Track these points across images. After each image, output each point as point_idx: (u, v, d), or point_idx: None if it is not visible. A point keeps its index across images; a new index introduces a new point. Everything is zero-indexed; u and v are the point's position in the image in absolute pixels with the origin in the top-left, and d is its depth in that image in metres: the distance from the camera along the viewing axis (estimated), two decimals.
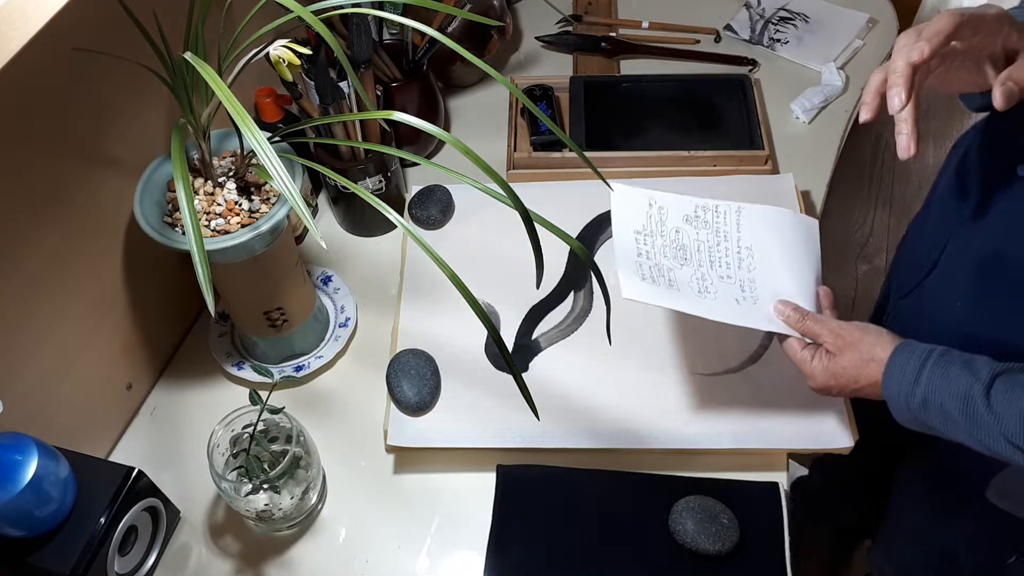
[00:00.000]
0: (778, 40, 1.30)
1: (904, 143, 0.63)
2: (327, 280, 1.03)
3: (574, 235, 1.03)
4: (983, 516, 0.87)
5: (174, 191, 0.81)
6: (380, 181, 1.03)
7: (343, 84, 0.95)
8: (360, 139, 1.01)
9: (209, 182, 0.80)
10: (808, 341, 0.76)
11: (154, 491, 0.81)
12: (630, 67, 1.29)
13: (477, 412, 0.89)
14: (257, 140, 0.57)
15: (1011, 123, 0.75)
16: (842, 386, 0.73)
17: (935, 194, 0.91)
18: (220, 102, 0.59)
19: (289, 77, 0.77)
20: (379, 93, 1.09)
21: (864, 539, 1.50)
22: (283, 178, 0.57)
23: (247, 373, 0.95)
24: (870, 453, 0.91)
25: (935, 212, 0.88)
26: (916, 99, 0.63)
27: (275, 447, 0.81)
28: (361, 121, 0.99)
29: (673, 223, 0.83)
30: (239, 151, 0.81)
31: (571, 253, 1.02)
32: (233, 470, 0.80)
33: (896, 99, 0.62)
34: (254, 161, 0.80)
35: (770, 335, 0.85)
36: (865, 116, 0.66)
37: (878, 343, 0.71)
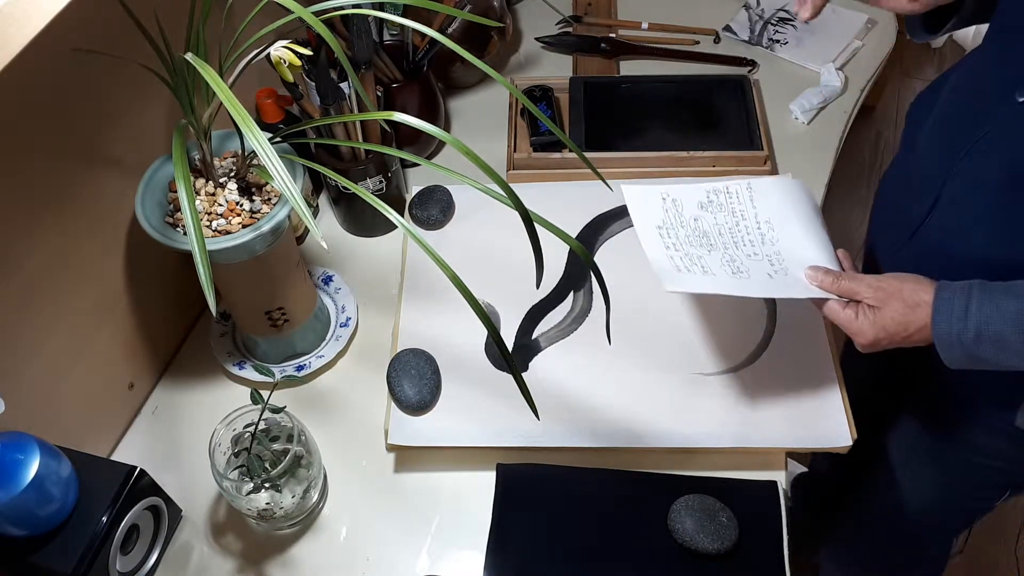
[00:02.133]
0: (777, 41, 1.31)
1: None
2: (328, 280, 1.03)
3: (574, 235, 1.03)
4: (992, 448, 0.90)
5: (175, 191, 0.81)
6: (381, 181, 1.04)
7: (344, 85, 0.95)
8: (361, 140, 1.01)
9: (210, 182, 0.80)
10: (847, 301, 0.76)
11: (156, 490, 0.81)
12: (630, 68, 1.29)
13: (477, 411, 0.89)
14: (258, 141, 0.57)
15: (1000, 54, 0.77)
16: (892, 335, 0.73)
17: (912, 151, 0.91)
18: (221, 103, 0.59)
19: (290, 78, 0.78)
20: (379, 94, 1.10)
21: None
22: (284, 178, 0.57)
23: (248, 372, 0.95)
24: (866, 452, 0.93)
25: (917, 166, 0.88)
26: None
27: (276, 446, 0.81)
28: (362, 122, 0.99)
29: (690, 212, 0.84)
30: (240, 151, 0.81)
31: (571, 253, 1.02)
32: (235, 469, 0.80)
33: None
34: (255, 162, 0.80)
35: (771, 330, 0.86)
36: (804, 15, 0.77)
37: (919, 288, 0.72)
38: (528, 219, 0.64)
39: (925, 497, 1.05)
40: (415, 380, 0.89)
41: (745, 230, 0.83)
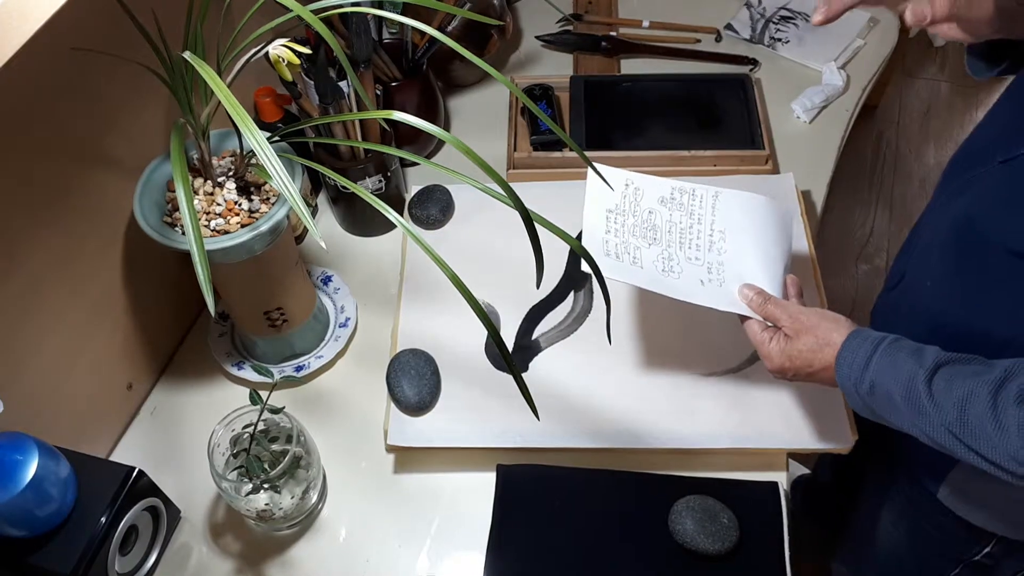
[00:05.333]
0: (779, 39, 1.30)
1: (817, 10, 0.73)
2: (327, 280, 1.03)
3: (574, 235, 1.02)
4: (935, 518, 0.88)
5: (174, 191, 0.81)
6: (380, 181, 1.03)
7: (343, 84, 0.95)
8: (360, 139, 1.01)
9: (209, 182, 0.80)
10: (769, 324, 0.77)
11: (155, 491, 0.81)
12: (630, 66, 1.29)
13: (477, 412, 0.89)
14: (256, 140, 0.57)
15: (1002, 114, 0.76)
16: (797, 368, 0.74)
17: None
18: (219, 102, 0.59)
19: (288, 76, 0.77)
20: (379, 93, 1.09)
21: None
22: (282, 178, 0.57)
23: (247, 373, 0.95)
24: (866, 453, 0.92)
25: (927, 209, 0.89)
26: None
27: (275, 447, 0.81)
28: (361, 121, 0.99)
29: (647, 204, 0.84)
30: (239, 151, 0.81)
31: (571, 253, 1.02)
32: (233, 470, 0.80)
33: None
34: (254, 161, 0.80)
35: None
36: (817, 18, 0.73)
37: (834, 329, 0.72)
38: (528, 219, 0.63)
39: (903, 543, 1.03)
40: (415, 380, 0.89)
41: (696, 233, 0.83)
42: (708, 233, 0.83)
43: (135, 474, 0.77)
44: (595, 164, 0.75)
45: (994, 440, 0.61)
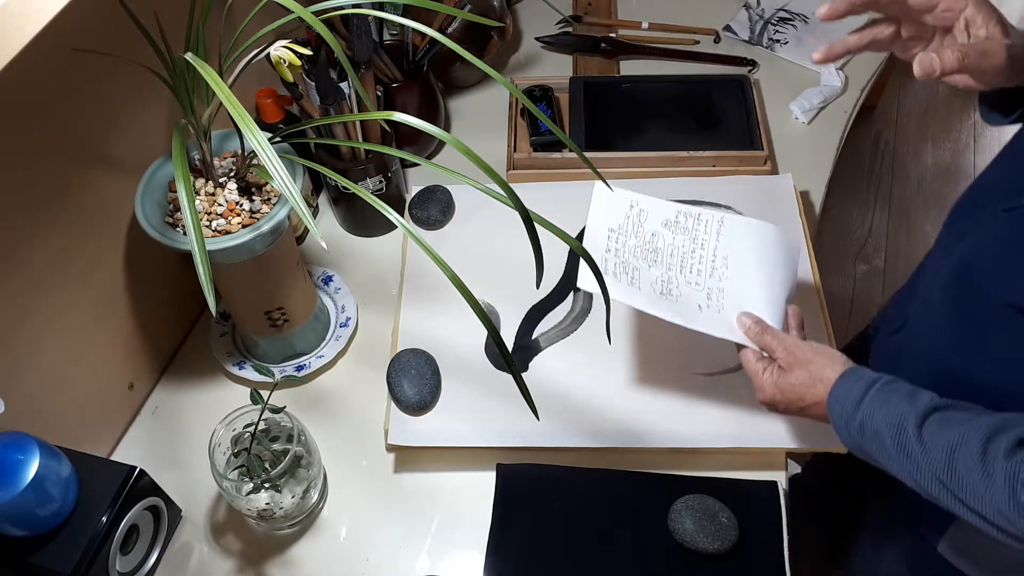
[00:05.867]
0: (777, 41, 1.31)
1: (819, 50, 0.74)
2: (328, 280, 1.03)
3: (574, 235, 1.03)
4: (936, 571, 0.86)
5: (175, 191, 0.81)
6: (380, 181, 1.04)
7: (343, 85, 0.95)
8: (361, 140, 1.01)
9: (210, 182, 0.80)
10: (764, 355, 0.76)
11: (156, 490, 0.81)
12: (630, 68, 1.29)
13: (477, 412, 0.89)
14: (258, 140, 0.57)
15: (1006, 161, 0.75)
16: (788, 401, 0.73)
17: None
18: (221, 103, 0.59)
19: (290, 78, 0.78)
20: (379, 94, 1.10)
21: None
22: (284, 178, 0.57)
23: (248, 373, 0.95)
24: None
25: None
26: (858, 40, 0.78)
27: (276, 446, 0.81)
28: (362, 122, 0.99)
29: (651, 226, 0.84)
30: (240, 151, 0.81)
31: (571, 253, 1.02)
32: (234, 469, 0.80)
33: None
34: (255, 161, 0.80)
35: None
36: (816, 56, 0.76)
37: (828, 365, 0.71)
38: (528, 219, 0.64)
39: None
40: (415, 380, 0.89)
41: (698, 258, 0.82)
42: (711, 259, 0.82)
43: (136, 473, 0.77)
44: (597, 167, 0.75)
45: (980, 491, 0.59)
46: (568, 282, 1.00)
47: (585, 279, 0.76)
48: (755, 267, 0.82)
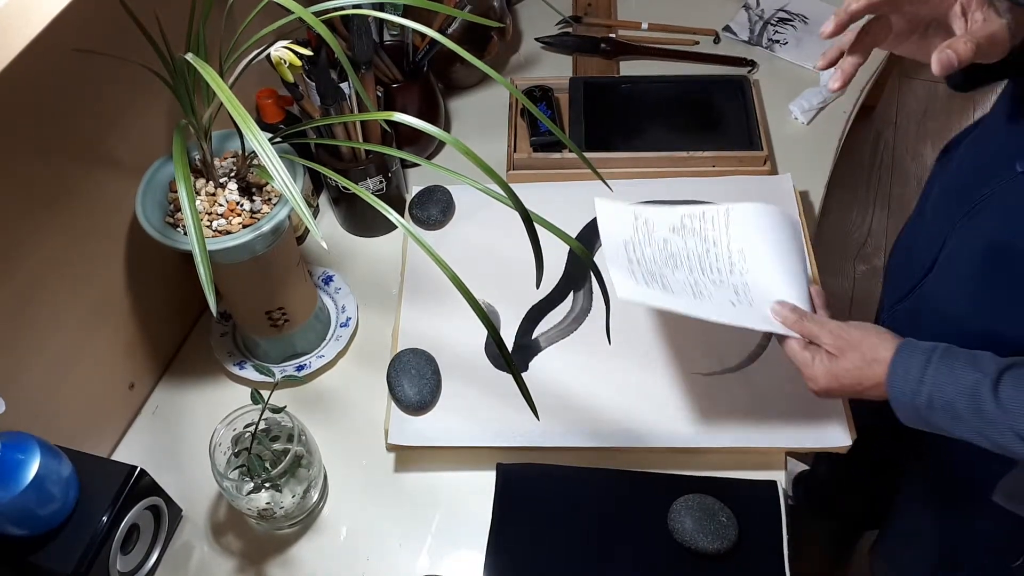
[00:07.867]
0: (777, 41, 1.31)
1: (833, 77, 0.73)
2: (328, 280, 1.04)
3: (574, 235, 1.03)
4: (989, 518, 0.87)
5: (176, 192, 0.81)
6: (381, 182, 1.04)
7: (344, 85, 0.95)
8: (361, 140, 1.01)
9: (211, 183, 0.80)
10: (809, 342, 0.74)
11: (156, 490, 0.81)
12: (629, 68, 1.29)
13: (477, 411, 0.89)
14: (258, 141, 0.57)
15: (1008, 121, 0.75)
16: (845, 388, 0.72)
17: (928, 199, 0.92)
18: (221, 103, 0.59)
19: (290, 78, 0.78)
20: (380, 94, 1.10)
21: (868, 530, 1.50)
22: (284, 179, 0.57)
23: (249, 372, 0.95)
24: (875, 445, 0.92)
25: (930, 215, 0.89)
26: (861, 49, 0.75)
27: (276, 446, 0.81)
28: (362, 122, 0.99)
29: (660, 234, 0.82)
30: (240, 152, 0.81)
31: (571, 253, 1.03)
32: (235, 469, 0.81)
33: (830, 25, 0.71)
34: (255, 162, 0.80)
35: (768, 335, 0.86)
36: (834, 85, 0.73)
37: (880, 344, 0.70)
38: (528, 219, 0.64)
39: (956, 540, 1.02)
40: (415, 380, 0.89)
41: (715, 257, 0.81)
42: (727, 256, 0.81)
43: (137, 473, 0.77)
44: (596, 167, 0.75)
45: None
46: (568, 282, 1.00)
47: (624, 287, 0.74)
48: (771, 254, 0.80)
